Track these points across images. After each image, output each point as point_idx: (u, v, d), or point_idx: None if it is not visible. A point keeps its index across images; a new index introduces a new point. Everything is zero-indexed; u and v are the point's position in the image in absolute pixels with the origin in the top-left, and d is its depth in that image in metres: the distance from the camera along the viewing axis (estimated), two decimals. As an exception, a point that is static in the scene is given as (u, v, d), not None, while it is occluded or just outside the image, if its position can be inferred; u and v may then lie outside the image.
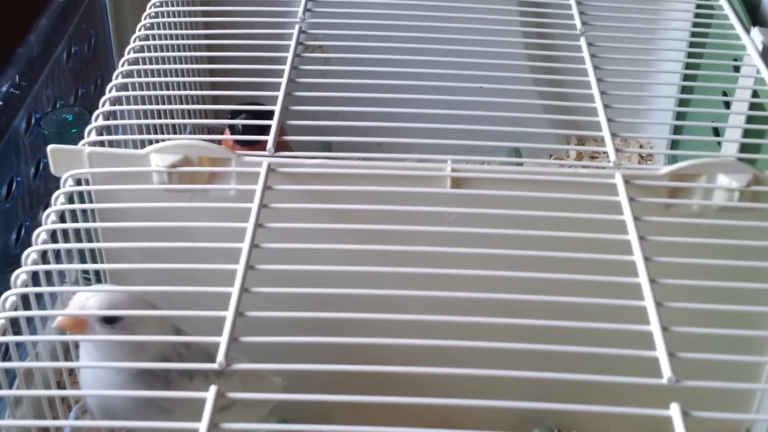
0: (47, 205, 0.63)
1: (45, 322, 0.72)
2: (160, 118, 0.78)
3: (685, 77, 0.77)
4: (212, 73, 0.82)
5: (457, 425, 0.60)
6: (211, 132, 1.02)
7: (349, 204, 0.62)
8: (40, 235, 0.59)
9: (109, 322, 0.56)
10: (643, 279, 0.54)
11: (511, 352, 0.51)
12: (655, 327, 0.51)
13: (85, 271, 0.75)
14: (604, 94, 0.69)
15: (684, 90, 0.76)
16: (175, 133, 0.84)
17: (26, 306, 0.57)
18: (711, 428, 0.49)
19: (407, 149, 0.69)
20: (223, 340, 0.50)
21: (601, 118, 0.67)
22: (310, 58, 0.75)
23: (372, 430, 0.48)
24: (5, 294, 0.55)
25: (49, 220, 0.61)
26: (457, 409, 0.49)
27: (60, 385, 0.72)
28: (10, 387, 0.59)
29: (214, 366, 0.49)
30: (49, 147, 0.64)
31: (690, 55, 0.78)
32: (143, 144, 0.67)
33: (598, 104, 0.69)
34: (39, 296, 0.60)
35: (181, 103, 0.84)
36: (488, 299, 0.54)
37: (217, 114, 1.00)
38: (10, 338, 0.54)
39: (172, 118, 0.83)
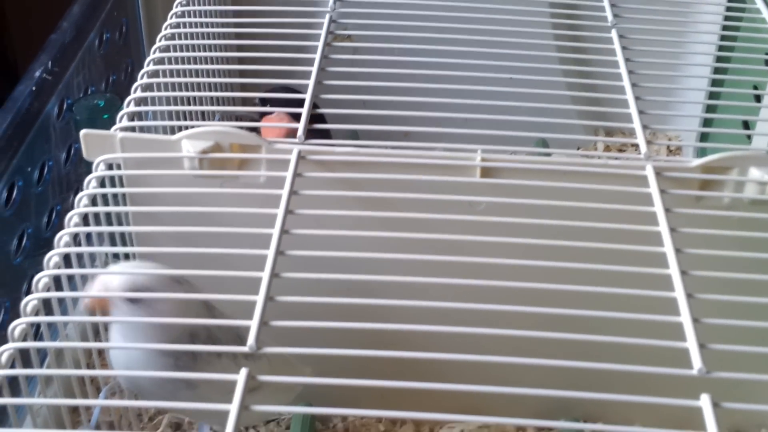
0: (77, 190, 0.63)
1: (76, 303, 0.72)
2: (189, 105, 0.79)
3: (716, 70, 0.77)
4: (241, 61, 0.82)
5: (482, 413, 0.60)
6: (239, 120, 1.03)
7: (379, 192, 0.62)
8: (72, 218, 0.60)
9: (133, 300, 0.57)
10: (673, 270, 0.54)
11: (538, 342, 0.51)
12: (685, 318, 0.51)
13: (116, 255, 0.76)
14: (635, 86, 0.69)
15: (714, 83, 0.76)
16: (204, 120, 0.85)
17: (58, 287, 0.58)
18: (736, 422, 0.49)
19: (434, 139, 0.69)
20: (253, 323, 0.51)
21: (632, 110, 0.67)
22: (339, 47, 0.75)
23: (396, 414, 0.48)
24: (38, 275, 0.56)
25: (81, 204, 0.61)
26: (482, 396, 0.49)
27: (89, 366, 0.72)
28: (41, 367, 0.59)
29: (245, 349, 0.50)
30: (82, 132, 0.65)
31: (721, 48, 0.77)
32: (173, 130, 0.67)
33: (629, 96, 0.68)
34: (70, 278, 0.61)
35: (211, 91, 0.84)
36: (516, 288, 0.54)
37: (245, 102, 1.00)
38: (43, 318, 0.55)
39: (202, 105, 0.84)
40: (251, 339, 0.50)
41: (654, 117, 0.67)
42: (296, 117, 0.66)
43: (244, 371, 0.48)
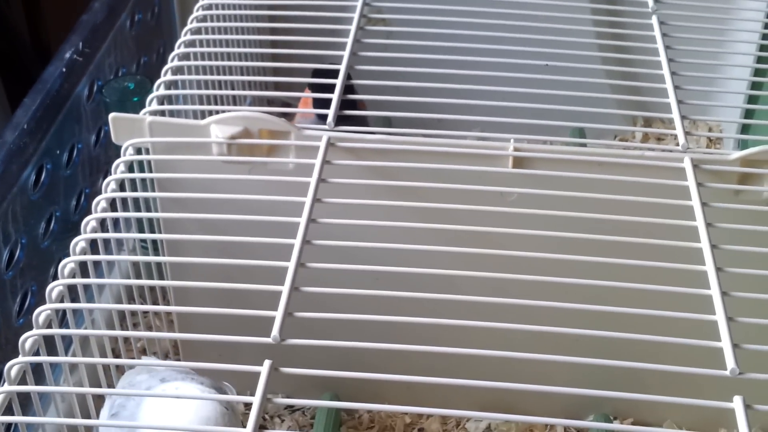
0: (107, 173, 0.63)
1: (102, 290, 0.72)
2: (221, 88, 0.78)
3: (759, 60, 0.74)
4: (274, 44, 0.81)
5: (510, 408, 0.60)
6: (271, 104, 1.02)
7: (409, 181, 0.61)
8: (99, 203, 0.60)
9: None
10: (709, 267, 0.53)
11: (568, 338, 0.49)
12: (720, 317, 0.50)
13: (143, 241, 0.75)
14: (675, 74, 0.67)
15: (757, 73, 0.74)
16: (235, 103, 0.84)
17: (84, 274, 0.57)
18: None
19: (468, 126, 0.67)
20: (278, 314, 0.50)
21: (671, 99, 0.65)
22: (373, 31, 0.74)
23: (421, 410, 0.47)
24: (64, 261, 0.55)
25: (109, 188, 0.61)
26: (510, 391, 0.48)
27: (115, 353, 0.72)
28: (66, 353, 0.59)
29: (268, 340, 0.49)
30: (111, 115, 0.64)
31: (765, 36, 0.75)
32: (203, 114, 0.67)
33: (669, 85, 0.66)
34: (96, 263, 0.61)
35: (243, 74, 0.83)
36: (547, 282, 0.53)
37: (277, 86, 0.99)
38: (67, 305, 0.54)
39: (233, 88, 0.83)
40: (275, 330, 0.49)
41: (694, 107, 0.66)
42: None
43: (267, 363, 0.48)
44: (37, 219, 0.68)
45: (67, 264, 0.56)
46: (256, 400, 0.46)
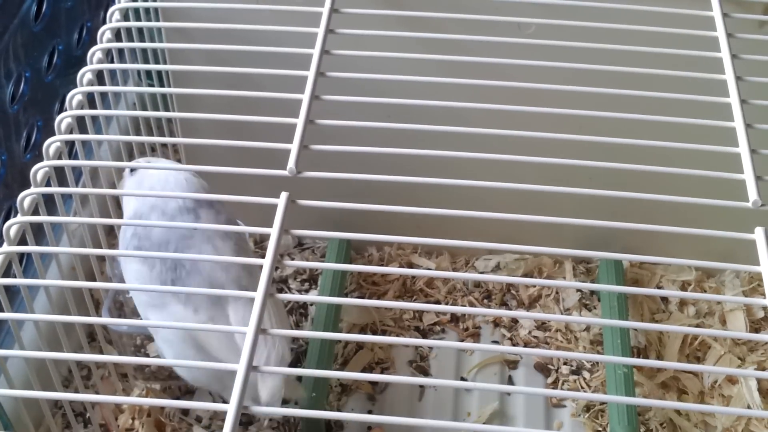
0: (108, 6, 0.60)
1: (110, 122, 0.71)
2: None
3: None
4: None
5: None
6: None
7: (424, 12, 0.59)
8: (104, 33, 0.58)
9: None
10: (733, 99, 0.52)
11: (582, 173, 0.49)
12: (743, 149, 0.49)
13: (149, 78, 0.74)
14: None
15: None
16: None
17: (92, 105, 0.56)
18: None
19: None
20: (293, 147, 0.49)
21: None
22: None
23: (432, 242, 0.47)
24: (72, 92, 0.54)
25: (113, 18, 0.59)
26: (521, 228, 0.48)
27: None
28: (77, 184, 0.59)
29: (285, 173, 0.48)
30: (114, -59, 0.61)
31: None
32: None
33: None
34: (103, 96, 0.59)
35: None
36: (564, 115, 0.52)
37: None
38: (77, 136, 0.53)
39: None
40: (291, 162, 0.48)
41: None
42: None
43: (284, 194, 0.47)
44: (40, 52, 0.66)
45: (75, 95, 0.54)
46: (274, 232, 0.46)
